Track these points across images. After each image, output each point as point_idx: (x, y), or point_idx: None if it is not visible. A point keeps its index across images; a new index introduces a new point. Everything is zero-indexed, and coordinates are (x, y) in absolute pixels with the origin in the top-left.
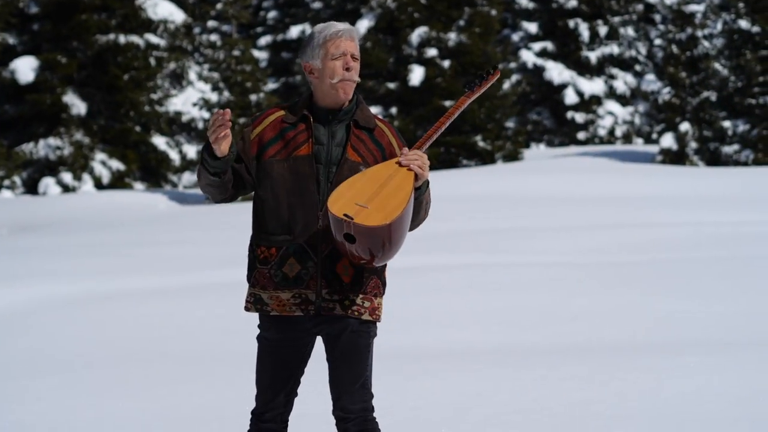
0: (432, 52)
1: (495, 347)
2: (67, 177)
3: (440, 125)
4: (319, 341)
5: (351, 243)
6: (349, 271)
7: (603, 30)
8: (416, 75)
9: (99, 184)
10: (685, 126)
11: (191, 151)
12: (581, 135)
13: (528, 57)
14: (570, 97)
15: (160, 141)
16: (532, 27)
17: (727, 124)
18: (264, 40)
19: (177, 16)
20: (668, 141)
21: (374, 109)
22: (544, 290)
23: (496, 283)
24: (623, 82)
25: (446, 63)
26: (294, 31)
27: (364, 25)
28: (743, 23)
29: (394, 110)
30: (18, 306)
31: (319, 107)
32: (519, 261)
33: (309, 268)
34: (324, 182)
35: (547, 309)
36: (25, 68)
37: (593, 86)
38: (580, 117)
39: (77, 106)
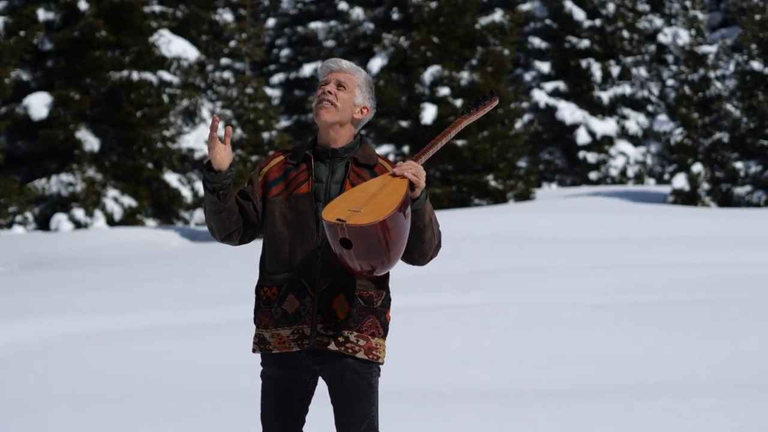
0: (444, 90)
1: (506, 387)
2: (79, 213)
3: (437, 142)
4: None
5: (348, 248)
6: (345, 307)
7: (615, 70)
8: (428, 113)
9: (111, 221)
10: (697, 167)
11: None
12: (593, 175)
13: (540, 97)
14: (582, 137)
15: (172, 178)
16: (544, 66)
17: (739, 165)
18: (277, 78)
19: (190, 53)
20: (680, 182)
21: (386, 148)
22: (556, 330)
23: (507, 322)
24: (635, 122)
25: (458, 102)
26: (307, 69)
27: (377, 63)
28: (756, 64)
29: (406, 149)
30: (29, 341)
31: (321, 146)
32: (530, 300)
33: (306, 303)
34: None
35: (559, 349)
36: (38, 104)
37: (605, 126)
38: (592, 157)
39: (90, 142)
